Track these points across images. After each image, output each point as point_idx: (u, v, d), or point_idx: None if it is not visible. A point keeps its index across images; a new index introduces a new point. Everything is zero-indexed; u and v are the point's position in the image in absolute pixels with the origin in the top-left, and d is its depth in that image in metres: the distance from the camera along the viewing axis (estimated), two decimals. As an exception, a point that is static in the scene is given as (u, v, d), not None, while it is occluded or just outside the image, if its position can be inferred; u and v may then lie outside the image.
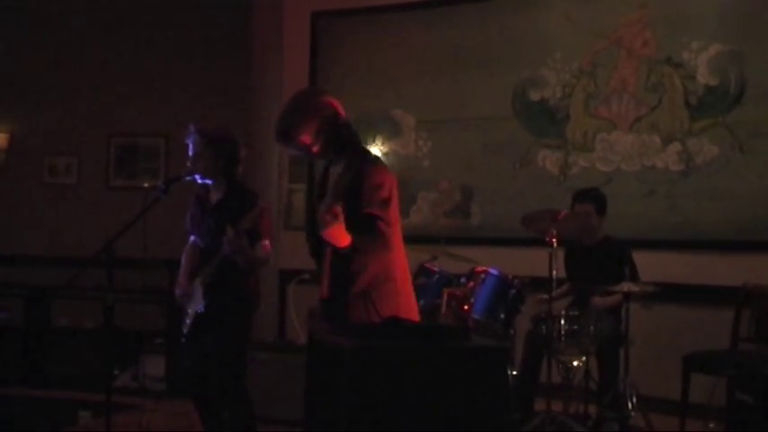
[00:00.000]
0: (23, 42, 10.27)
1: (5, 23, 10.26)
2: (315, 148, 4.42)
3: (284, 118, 4.46)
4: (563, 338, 6.09)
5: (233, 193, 5.45)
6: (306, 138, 4.38)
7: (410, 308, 4.43)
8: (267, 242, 5.43)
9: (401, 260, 4.47)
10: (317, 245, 4.42)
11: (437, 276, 6.38)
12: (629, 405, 6.10)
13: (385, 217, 4.27)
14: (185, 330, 5.53)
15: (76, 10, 10.10)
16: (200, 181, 5.52)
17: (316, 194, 4.60)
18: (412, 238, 4.72)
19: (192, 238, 5.69)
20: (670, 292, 6.73)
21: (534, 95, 8.20)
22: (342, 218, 4.14)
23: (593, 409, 6.35)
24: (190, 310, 5.50)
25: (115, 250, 5.11)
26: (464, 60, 8.49)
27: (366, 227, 4.23)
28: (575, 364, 6.21)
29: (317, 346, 4.16)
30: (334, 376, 3.65)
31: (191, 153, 5.45)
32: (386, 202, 4.29)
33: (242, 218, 5.13)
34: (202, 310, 5.38)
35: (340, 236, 4.20)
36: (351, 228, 4.19)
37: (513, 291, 6.41)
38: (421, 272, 6.41)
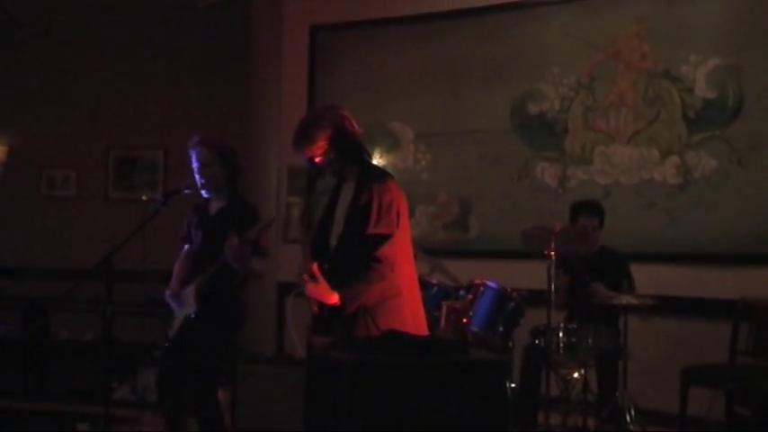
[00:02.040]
0: (22, 55, 10.28)
1: (3, 37, 10.28)
2: (330, 156, 4.44)
3: (301, 125, 4.51)
4: (561, 351, 6.09)
5: (235, 205, 5.48)
6: (322, 142, 4.40)
7: (417, 321, 4.43)
8: (263, 258, 5.46)
9: (408, 275, 4.48)
10: (318, 256, 4.42)
11: (435, 289, 6.38)
12: (628, 418, 6.10)
13: (392, 235, 4.29)
14: (171, 334, 5.55)
15: (75, 23, 10.11)
16: (205, 195, 5.54)
17: (325, 209, 4.61)
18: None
19: (185, 246, 5.71)
20: (668, 306, 6.75)
21: (533, 108, 8.21)
22: (321, 279, 4.20)
23: (591, 422, 6.35)
24: (178, 315, 5.53)
25: (114, 263, 5.12)
26: (462, 74, 8.51)
27: (370, 250, 4.25)
28: (573, 376, 6.21)
29: (316, 360, 4.16)
30: (333, 390, 3.66)
31: (195, 165, 5.47)
32: (394, 221, 4.31)
33: (248, 227, 5.16)
34: (193, 315, 5.40)
35: (324, 294, 4.28)
36: (357, 250, 4.22)
37: (512, 304, 6.41)
38: (420, 285, 6.39)
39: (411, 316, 4.38)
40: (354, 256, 4.31)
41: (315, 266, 4.26)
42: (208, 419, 5.50)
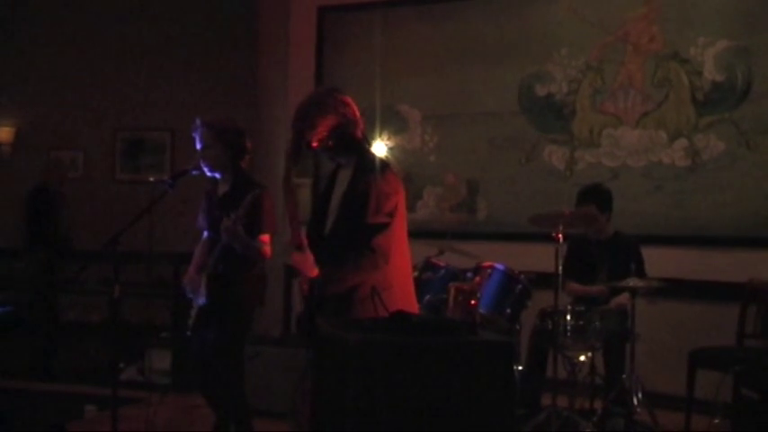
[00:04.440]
0: (29, 36, 10.27)
1: (11, 17, 10.28)
2: (328, 144, 4.42)
3: (304, 107, 4.47)
4: (569, 334, 6.08)
5: (239, 185, 5.44)
6: (322, 129, 4.38)
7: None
8: (266, 236, 5.42)
9: (401, 268, 4.43)
10: (313, 241, 4.41)
11: (443, 271, 6.38)
12: (635, 401, 6.09)
13: (389, 225, 4.27)
14: (190, 322, 5.53)
15: (83, 4, 10.11)
16: (209, 174, 5.52)
17: (321, 194, 4.61)
18: (418, 233, 4.71)
19: (205, 234, 5.67)
20: (676, 288, 6.73)
21: (541, 90, 8.19)
22: (306, 248, 4.22)
23: (598, 405, 6.36)
24: (195, 303, 5.51)
25: (121, 244, 5.11)
26: (470, 55, 8.48)
27: (365, 239, 4.23)
28: (581, 359, 6.21)
29: (323, 341, 4.15)
30: (340, 371, 3.65)
31: (198, 146, 5.45)
32: (392, 212, 4.29)
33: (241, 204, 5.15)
34: (204, 302, 5.39)
35: (306, 266, 4.29)
36: (353, 237, 4.21)
37: (520, 286, 6.41)
38: (427, 267, 6.40)
39: (404, 308, 4.29)
40: (349, 242, 4.28)
41: (303, 237, 4.26)
42: (226, 408, 5.47)
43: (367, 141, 4.57)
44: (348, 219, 4.33)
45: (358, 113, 4.49)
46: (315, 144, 4.42)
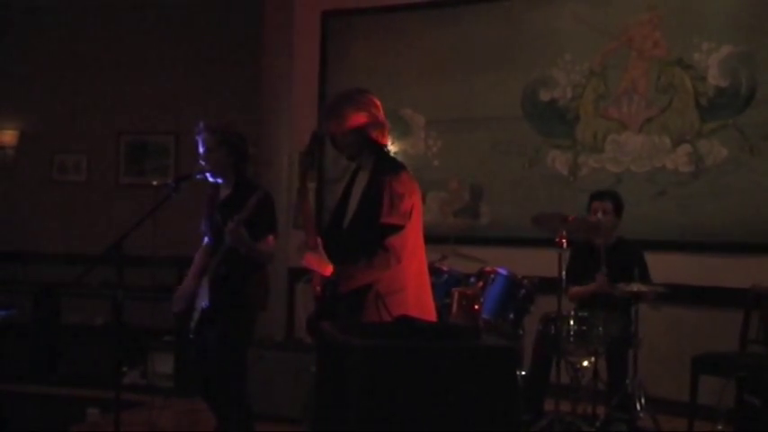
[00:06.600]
0: (33, 39, 10.28)
1: (14, 20, 10.29)
2: (351, 142, 4.49)
3: (334, 101, 4.58)
4: (572, 339, 6.08)
5: (241, 189, 5.43)
6: (350, 123, 4.44)
7: (423, 316, 4.36)
8: (271, 237, 5.42)
9: (416, 270, 4.44)
10: (330, 242, 4.42)
11: (446, 276, 6.38)
12: (638, 406, 6.09)
13: (404, 227, 4.28)
14: (192, 325, 5.53)
15: (87, 7, 10.11)
16: (211, 180, 5.51)
17: (340, 196, 4.63)
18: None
19: (205, 239, 5.66)
20: (679, 294, 6.73)
21: (544, 96, 8.19)
22: (321, 249, 4.24)
23: (601, 410, 6.34)
24: (197, 306, 5.51)
25: (125, 248, 5.11)
26: (474, 60, 8.48)
27: (379, 238, 4.24)
28: (584, 364, 6.21)
29: (326, 346, 4.15)
30: (343, 375, 3.65)
31: (201, 150, 5.44)
32: (406, 213, 4.30)
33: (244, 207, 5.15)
34: (207, 305, 5.38)
35: (319, 264, 4.34)
36: (366, 236, 4.22)
37: (523, 291, 6.41)
38: (430, 271, 6.39)
39: (417, 311, 4.29)
40: (362, 242, 4.30)
41: (318, 239, 4.29)
42: (227, 412, 5.46)
43: (387, 146, 4.61)
44: (363, 219, 4.36)
45: (383, 117, 4.54)
46: (339, 137, 4.47)
